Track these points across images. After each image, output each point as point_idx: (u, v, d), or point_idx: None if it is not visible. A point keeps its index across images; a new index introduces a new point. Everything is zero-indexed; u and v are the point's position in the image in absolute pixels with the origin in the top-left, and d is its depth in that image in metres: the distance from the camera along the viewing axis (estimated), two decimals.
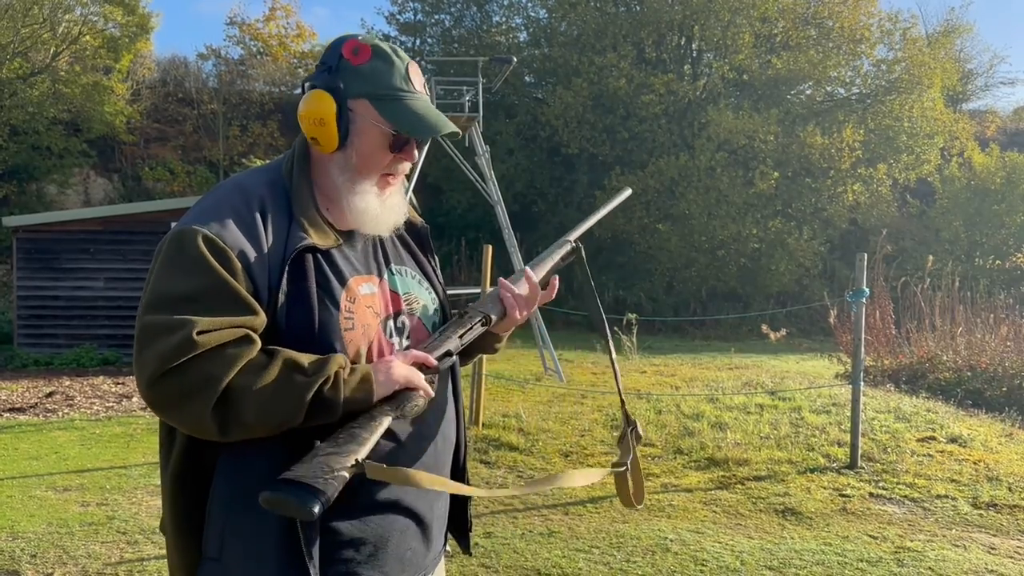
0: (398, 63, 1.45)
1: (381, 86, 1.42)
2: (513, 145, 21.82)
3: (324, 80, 1.42)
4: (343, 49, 1.43)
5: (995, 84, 31.05)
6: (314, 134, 1.42)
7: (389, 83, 1.43)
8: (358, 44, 1.43)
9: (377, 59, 1.43)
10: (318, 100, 1.41)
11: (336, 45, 1.45)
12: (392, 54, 1.46)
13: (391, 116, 1.42)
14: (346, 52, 1.42)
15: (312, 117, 1.41)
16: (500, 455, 5.77)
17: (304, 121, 1.43)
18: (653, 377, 10.07)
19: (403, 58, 1.48)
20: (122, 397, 8.71)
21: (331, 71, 1.42)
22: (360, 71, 1.42)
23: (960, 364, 9.30)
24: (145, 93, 24.58)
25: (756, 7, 21.66)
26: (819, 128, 20.73)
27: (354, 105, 1.42)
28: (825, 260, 20.72)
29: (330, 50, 1.45)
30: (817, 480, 5.26)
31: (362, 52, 1.43)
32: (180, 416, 1.28)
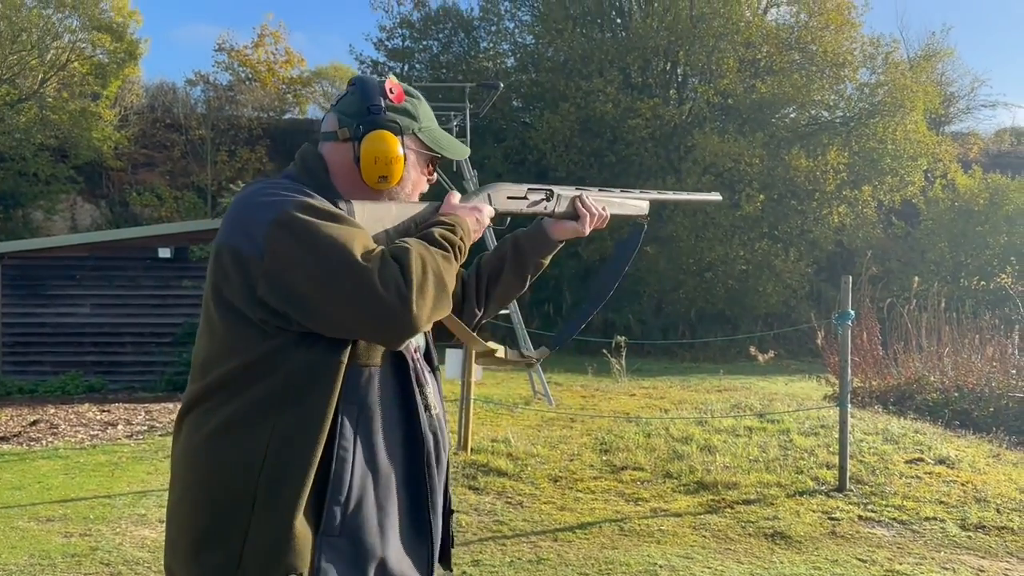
0: (422, 97, 1.64)
1: (421, 119, 1.59)
2: (501, 169, 21.91)
3: (376, 121, 1.52)
4: (385, 91, 1.54)
5: (976, 107, 31.46)
6: (384, 172, 1.51)
7: (425, 115, 1.61)
8: (392, 84, 1.56)
9: (409, 96, 1.59)
10: (388, 142, 1.51)
11: (372, 86, 1.55)
12: (412, 90, 1.63)
13: (437, 144, 1.61)
14: (387, 93, 1.54)
15: (386, 157, 1.51)
16: (489, 481, 5.74)
17: (378, 163, 1.50)
18: (642, 400, 10.06)
19: (419, 93, 1.65)
20: (107, 425, 8.63)
21: (381, 111, 1.52)
22: (402, 109, 1.56)
23: (947, 385, 9.33)
24: (133, 119, 24.59)
25: (740, 32, 21.94)
26: (804, 151, 20.93)
27: (407, 140, 1.55)
28: (812, 281, 20.84)
29: (367, 92, 1.54)
30: (806, 503, 5.25)
31: (397, 91, 1.56)
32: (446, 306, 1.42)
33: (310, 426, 1.36)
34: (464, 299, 1.83)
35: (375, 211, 1.49)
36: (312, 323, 1.34)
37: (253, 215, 1.37)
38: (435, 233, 1.46)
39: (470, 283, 1.84)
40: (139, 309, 11.69)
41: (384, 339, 1.38)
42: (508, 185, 1.75)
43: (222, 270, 1.39)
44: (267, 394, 1.36)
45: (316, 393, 1.36)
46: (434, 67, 25.34)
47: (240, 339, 1.38)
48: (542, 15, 24.02)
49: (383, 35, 26.09)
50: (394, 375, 1.48)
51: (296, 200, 1.37)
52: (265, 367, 1.37)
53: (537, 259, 1.86)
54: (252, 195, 1.42)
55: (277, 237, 1.32)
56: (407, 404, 1.49)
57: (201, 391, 1.42)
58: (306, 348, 1.36)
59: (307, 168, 1.54)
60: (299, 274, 1.31)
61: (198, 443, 1.40)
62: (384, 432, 1.44)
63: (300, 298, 1.32)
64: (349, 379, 1.39)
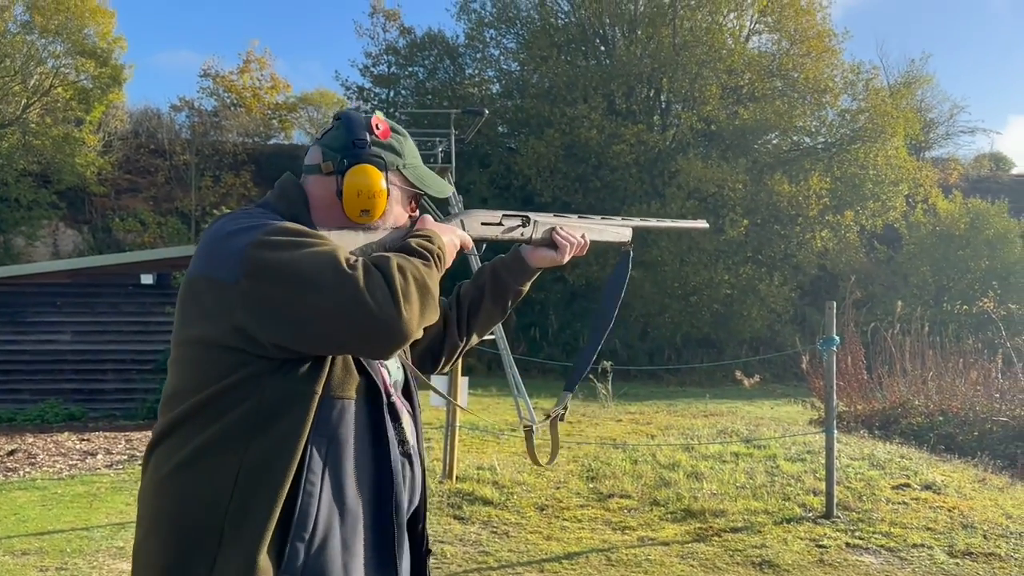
0: (407, 134, 1.63)
1: (406, 156, 1.58)
2: (487, 194, 21.98)
3: (361, 156, 1.51)
4: (371, 126, 1.54)
5: (956, 133, 31.85)
6: (367, 207, 1.50)
7: (410, 152, 1.60)
8: (378, 120, 1.55)
9: (395, 132, 1.58)
10: (371, 176, 1.50)
11: (357, 121, 1.55)
12: (398, 126, 1.62)
13: (420, 181, 1.60)
14: (373, 129, 1.53)
15: (369, 191, 1.49)
16: (474, 510, 5.67)
17: (360, 196, 1.49)
18: (629, 425, 10.02)
19: (404, 130, 1.65)
20: (86, 454, 8.49)
21: (366, 146, 1.52)
22: (387, 144, 1.55)
23: (932, 409, 9.35)
24: (117, 144, 24.52)
25: (723, 60, 22.21)
26: (786, 176, 21.14)
27: (391, 176, 1.54)
28: (796, 305, 20.96)
29: (353, 127, 1.53)
30: (793, 531, 5.22)
31: (383, 127, 1.55)
32: (433, 311, 1.40)
33: (279, 458, 1.32)
34: (445, 329, 1.81)
35: (342, 237, 1.47)
36: (297, 341, 1.31)
37: (228, 243, 1.34)
38: (412, 243, 1.46)
39: (450, 313, 1.83)
40: (121, 336, 11.56)
41: (376, 349, 1.35)
42: (482, 211, 1.73)
43: (195, 301, 1.36)
44: (237, 424, 1.33)
45: (287, 424, 1.33)
46: (420, 93, 25.48)
47: (212, 369, 1.34)
48: (527, 42, 24.25)
49: (369, 61, 26.31)
50: (367, 409, 1.44)
51: (271, 224, 1.35)
52: (236, 396, 1.33)
53: (516, 287, 1.84)
54: (225, 224, 1.40)
55: (255, 259, 1.30)
56: (379, 439, 1.45)
57: (169, 424, 1.39)
58: (281, 377, 1.33)
59: (285, 198, 1.52)
60: (281, 291, 1.29)
61: (165, 477, 1.36)
62: (354, 468, 1.41)
63: (283, 316, 1.29)
64: (321, 411, 1.36)
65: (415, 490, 1.56)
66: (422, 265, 1.39)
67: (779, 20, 23.24)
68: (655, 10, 22.91)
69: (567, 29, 24.10)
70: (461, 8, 25.30)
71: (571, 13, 24.34)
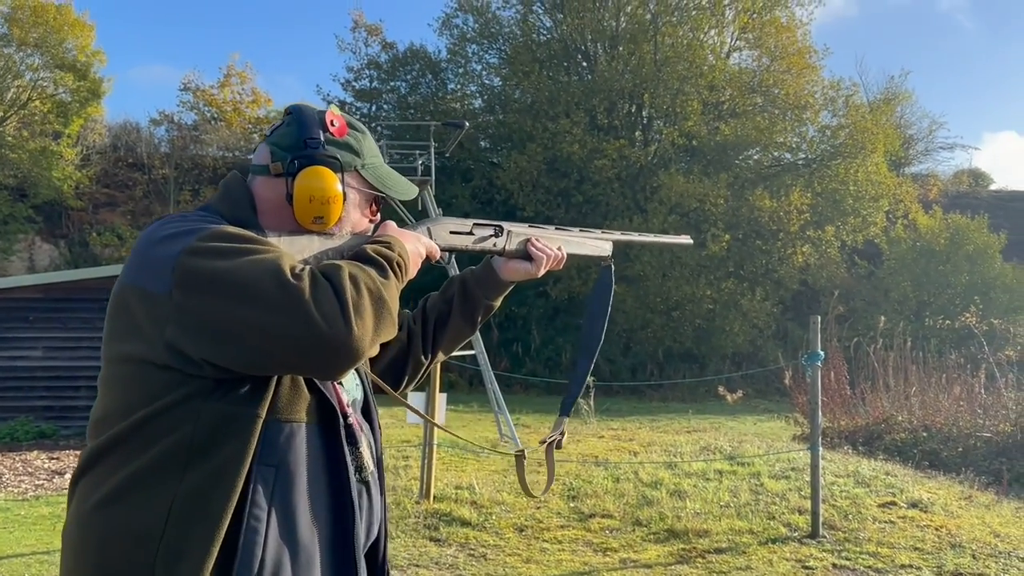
0: (366, 131, 1.48)
1: (365, 155, 1.44)
2: (469, 208, 21.88)
3: (313, 156, 1.37)
4: (325, 122, 1.40)
5: (935, 149, 32.08)
6: (320, 213, 1.36)
7: (370, 151, 1.46)
8: (333, 116, 1.41)
9: (352, 129, 1.44)
10: (325, 179, 1.36)
11: (310, 117, 1.40)
12: (357, 122, 1.47)
13: (381, 182, 1.46)
14: (328, 126, 1.40)
15: (323, 196, 1.35)
16: (451, 531, 5.51)
17: (313, 202, 1.35)
18: (611, 442, 9.89)
19: (363, 126, 1.50)
20: (54, 474, 8.25)
21: (319, 145, 1.38)
22: (343, 143, 1.41)
23: (915, 424, 9.30)
24: (95, 158, 24.26)
25: (703, 76, 22.29)
26: (768, 192, 21.20)
27: (348, 178, 1.41)
28: (778, 320, 20.96)
29: (304, 123, 1.38)
30: (779, 551, 5.10)
31: (339, 124, 1.42)
32: (389, 325, 1.25)
33: (218, 489, 1.18)
34: (409, 344, 1.68)
35: (295, 244, 1.33)
36: (234, 360, 1.17)
37: (159, 249, 1.21)
38: (368, 251, 1.31)
39: (415, 328, 1.69)
40: (94, 352, 11.24)
41: (323, 368, 1.21)
42: (451, 219, 1.60)
43: (125, 313, 1.23)
44: (170, 452, 1.19)
45: (226, 452, 1.19)
46: (402, 107, 25.41)
47: (143, 390, 1.21)
48: (509, 58, 24.26)
49: (351, 75, 26.18)
50: (320, 433, 1.30)
51: (208, 229, 1.21)
52: (170, 420, 1.19)
53: (487, 301, 1.71)
54: (157, 229, 1.26)
55: (188, 268, 1.16)
56: (334, 467, 1.31)
57: (96, 451, 1.25)
58: (218, 399, 1.20)
59: (229, 199, 1.38)
60: (217, 304, 1.15)
61: (90, 509, 1.22)
62: (307, 499, 1.26)
63: (218, 332, 1.15)
64: (266, 437, 1.22)
65: (374, 520, 1.42)
66: (378, 275, 1.26)
67: (759, 37, 23.39)
68: (636, 27, 22.99)
69: (549, 45, 24.13)
70: (443, 23, 25.31)
71: (553, 29, 24.39)
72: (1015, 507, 6.43)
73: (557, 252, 1.72)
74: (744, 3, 23.21)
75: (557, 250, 1.72)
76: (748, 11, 23.22)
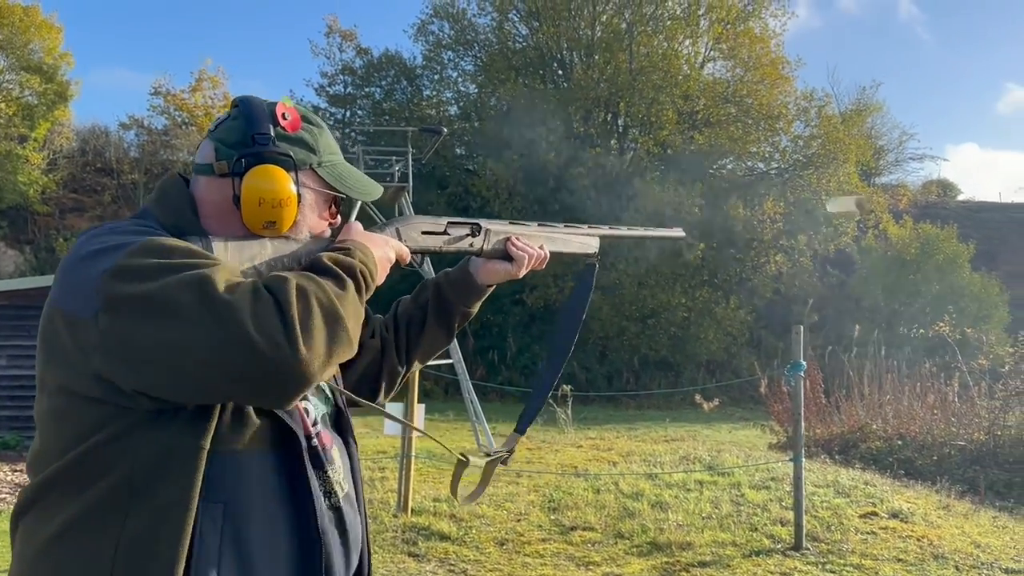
0: (323, 124, 1.33)
1: (322, 152, 1.30)
2: (445, 215, 21.79)
3: (262, 154, 1.22)
4: (276, 116, 1.25)
5: (905, 160, 32.60)
6: (272, 217, 1.22)
7: (327, 147, 1.31)
8: (285, 108, 1.27)
9: (307, 123, 1.30)
10: (276, 179, 1.21)
11: (259, 110, 1.25)
12: (312, 115, 1.32)
13: (340, 181, 1.32)
14: (279, 119, 1.25)
15: (274, 199, 1.21)
16: (430, 546, 5.39)
17: (263, 206, 1.20)
18: (590, 452, 9.82)
19: (320, 119, 1.34)
20: (17, 487, 8.00)
21: (269, 142, 1.23)
22: (297, 138, 1.27)
23: (890, 433, 9.34)
24: (62, 163, 23.85)
25: (678, 85, 22.43)
26: (742, 201, 21.36)
27: (302, 177, 1.26)
28: (751, 329, 21.08)
29: (253, 117, 1.24)
30: (763, 564, 5.05)
31: (292, 117, 1.27)
32: (345, 345, 1.11)
33: (164, 534, 1.06)
34: (383, 352, 1.56)
35: (243, 249, 1.19)
36: (168, 391, 1.05)
37: (83, 269, 1.08)
38: (323, 259, 1.17)
39: (388, 336, 1.57)
40: None
41: (266, 396, 1.07)
42: (422, 218, 1.47)
43: (53, 339, 1.10)
44: (109, 493, 1.07)
45: (169, 490, 1.07)
46: (377, 114, 25.29)
47: (75, 426, 1.09)
48: (485, 65, 24.26)
49: (324, 81, 26.00)
50: (278, 461, 1.17)
51: (136, 244, 1.08)
52: (106, 458, 1.07)
53: (463, 308, 1.59)
54: (83, 245, 1.13)
55: (113, 289, 1.03)
56: (297, 498, 1.17)
57: (34, 491, 1.13)
58: (157, 431, 1.07)
59: (166, 204, 1.24)
60: (143, 328, 1.02)
61: (34, 555, 1.11)
62: (264, 538, 1.14)
63: (147, 360, 1.02)
64: (212, 470, 1.09)
65: (353, 547, 1.28)
66: (333, 287, 1.11)
67: (733, 48, 23.59)
68: (612, 36, 23.09)
69: (525, 53, 24.16)
70: (419, 30, 25.25)
71: (529, 37, 24.43)
72: (992, 516, 6.46)
73: (539, 251, 1.59)
74: (718, 13, 23.41)
75: (539, 248, 1.60)
76: (722, 21, 23.42)
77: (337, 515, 1.25)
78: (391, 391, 1.61)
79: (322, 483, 1.23)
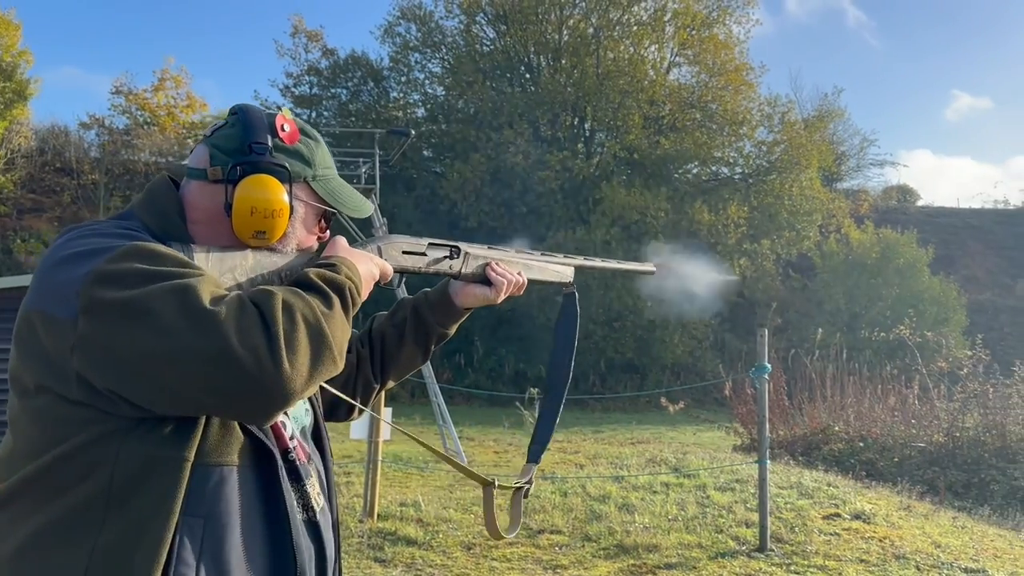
0: (320, 138, 1.33)
1: (317, 166, 1.30)
2: (412, 218, 21.70)
3: (258, 164, 1.22)
4: (276, 127, 1.25)
5: (866, 165, 33.17)
6: (262, 227, 1.21)
7: (323, 161, 1.32)
8: (284, 120, 1.28)
9: (305, 136, 1.30)
10: (270, 190, 1.21)
11: (258, 119, 1.25)
12: (310, 128, 1.32)
13: (333, 197, 1.32)
14: (278, 130, 1.25)
15: (266, 209, 1.20)
16: (396, 551, 5.35)
17: (255, 215, 1.19)
18: (557, 455, 9.84)
19: (317, 133, 1.34)
20: None
21: (266, 151, 1.23)
22: (294, 150, 1.27)
23: (852, 435, 9.48)
24: (20, 162, 23.33)
25: (644, 90, 22.61)
26: (706, 205, 21.57)
27: (296, 190, 1.26)
28: (715, 332, 21.30)
29: (251, 126, 1.23)
30: (728, 566, 5.08)
31: (290, 129, 1.27)
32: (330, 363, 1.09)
33: (140, 547, 1.03)
34: (359, 370, 1.55)
35: (225, 260, 1.18)
36: (147, 398, 1.02)
37: (63, 271, 1.06)
38: (309, 275, 1.15)
39: (363, 352, 1.56)
40: None
41: (246, 412, 1.05)
42: (404, 238, 1.46)
43: (31, 340, 1.07)
44: (85, 500, 1.04)
45: (148, 502, 1.04)
46: (343, 115, 25.10)
47: (52, 428, 1.06)
48: (452, 68, 24.22)
49: (290, 81, 25.76)
50: (256, 476, 1.15)
51: (119, 248, 1.06)
52: (83, 464, 1.04)
53: (440, 329, 1.59)
54: (63, 246, 1.11)
55: (95, 292, 1.01)
56: (274, 514, 1.16)
57: (2, 497, 1.09)
58: (138, 440, 1.04)
59: (154, 207, 1.22)
60: (123, 336, 0.99)
61: (5, 561, 1.07)
62: (242, 553, 1.11)
63: (126, 368, 1.00)
64: (193, 483, 1.07)
65: (328, 562, 1.27)
66: (319, 304, 1.09)
67: (699, 53, 23.83)
68: (579, 40, 23.20)
69: (492, 56, 24.17)
70: (386, 31, 25.14)
71: (496, 40, 24.45)
72: (951, 516, 6.58)
73: (518, 277, 1.60)
74: (683, 20, 23.63)
75: (518, 275, 1.61)
76: (687, 28, 23.65)
77: (314, 530, 1.24)
78: (366, 405, 1.60)
79: (300, 497, 1.22)
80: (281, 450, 1.20)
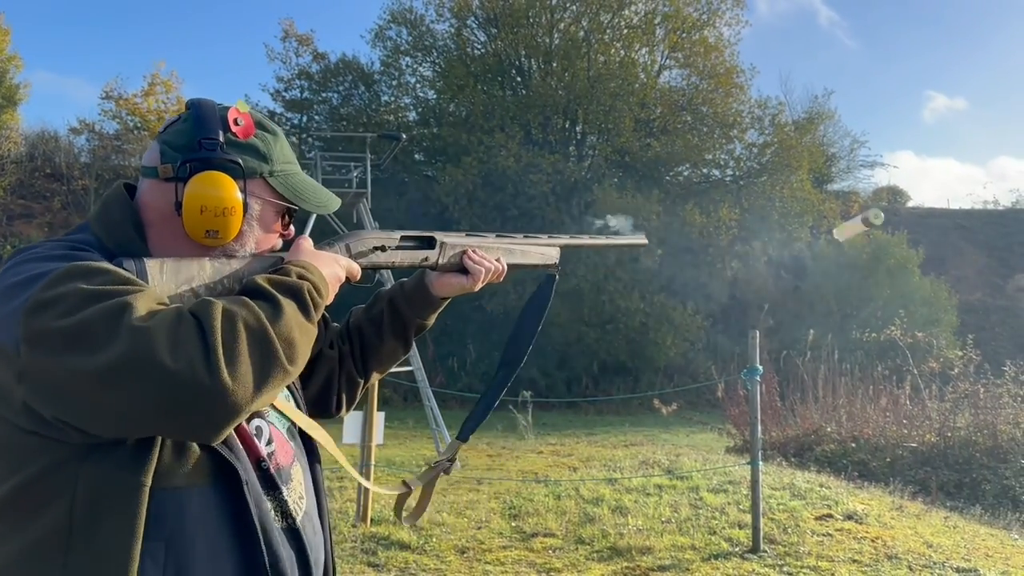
0: (279, 131, 1.28)
1: (275, 160, 1.25)
2: (404, 222, 21.65)
3: (209, 160, 1.17)
4: (228, 121, 1.20)
5: (856, 167, 33.22)
6: (214, 226, 1.17)
7: (282, 156, 1.27)
8: (238, 113, 1.22)
9: (261, 129, 1.25)
10: (220, 187, 1.16)
11: (209, 113, 1.20)
12: (268, 121, 1.27)
13: (293, 194, 1.27)
14: (230, 124, 1.20)
15: (217, 207, 1.16)
16: (390, 556, 5.34)
17: (204, 214, 1.15)
18: (550, 458, 9.84)
19: (276, 126, 1.29)
20: None
21: (217, 147, 1.18)
22: (248, 145, 1.22)
23: (844, 436, 9.51)
24: (10, 168, 23.22)
25: (635, 93, 22.66)
26: (698, 207, 21.62)
27: (251, 186, 1.22)
28: (708, 333, 21.33)
29: (202, 121, 1.19)
30: (722, 567, 5.10)
31: (245, 122, 1.22)
32: (279, 372, 1.05)
33: (104, 575, 1.01)
34: (341, 365, 1.53)
35: (181, 271, 1.14)
36: (93, 423, 1.00)
37: (6, 301, 1.03)
38: (257, 281, 1.10)
39: (344, 347, 1.55)
40: None
41: (194, 429, 1.02)
42: (374, 232, 1.43)
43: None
44: (45, 534, 1.02)
45: (109, 530, 1.02)
46: (334, 119, 25.07)
47: (9, 458, 1.04)
48: (443, 71, 24.22)
49: (281, 86, 25.69)
50: (219, 492, 1.11)
51: (55, 272, 1.02)
52: (43, 494, 1.02)
53: (418, 320, 1.56)
54: (9, 270, 1.08)
55: (31, 322, 0.99)
56: (242, 527, 1.12)
57: None
58: (94, 465, 1.02)
59: (108, 220, 1.20)
60: (63, 361, 0.97)
61: None
62: (208, 571, 1.09)
63: (68, 392, 0.98)
64: (153, 507, 1.04)
65: (316, 567, 1.24)
66: (266, 310, 1.05)
67: (689, 56, 23.90)
68: (570, 43, 23.23)
69: (483, 59, 24.18)
70: (376, 35, 25.11)
71: (487, 44, 24.46)
72: (943, 516, 6.61)
73: (496, 264, 1.57)
74: (674, 23, 23.69)
75: (496, 261, 1.58)
76: (677, 31, 23.71)
77: (294, 537, 1.20)
78: (352, 402, 1.58)
79: (277, 505, 1.19)
80: (254, 459, 1.17)
